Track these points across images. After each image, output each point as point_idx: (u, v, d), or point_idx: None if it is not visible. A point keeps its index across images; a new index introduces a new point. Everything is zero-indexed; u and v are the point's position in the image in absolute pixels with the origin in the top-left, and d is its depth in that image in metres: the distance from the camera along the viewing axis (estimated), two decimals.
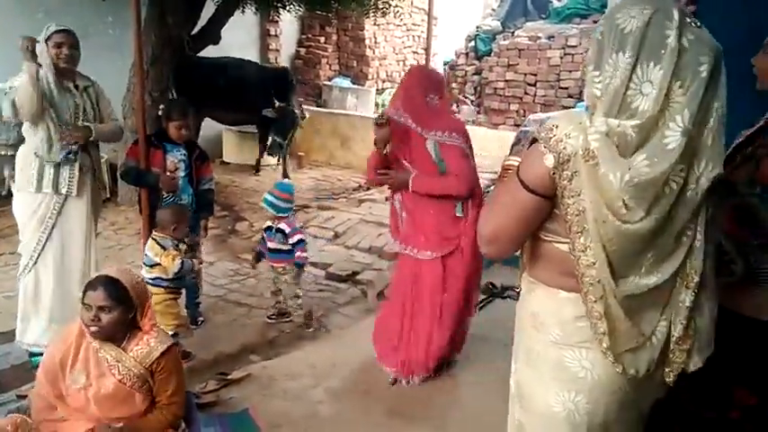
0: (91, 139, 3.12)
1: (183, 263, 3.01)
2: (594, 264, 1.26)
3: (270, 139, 6.90)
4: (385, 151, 2.97)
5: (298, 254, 3.59)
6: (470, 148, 2.89)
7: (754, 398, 1.78)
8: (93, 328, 2.06)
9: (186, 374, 2.96)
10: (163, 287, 3.05)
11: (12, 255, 4.20)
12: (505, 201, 1.38)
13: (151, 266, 3.05)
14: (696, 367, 1.38)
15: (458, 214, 2.83)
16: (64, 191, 3.05)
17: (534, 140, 1.30)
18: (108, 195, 5.62)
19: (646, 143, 1.20)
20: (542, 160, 1.27)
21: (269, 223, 3.65)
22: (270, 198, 3.57)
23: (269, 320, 3.70)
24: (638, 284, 1.29)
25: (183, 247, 3.17)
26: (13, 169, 3.25)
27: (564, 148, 1.23)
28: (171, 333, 3.00)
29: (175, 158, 3.31)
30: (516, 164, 1.39)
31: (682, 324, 1.32)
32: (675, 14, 1.20)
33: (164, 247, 3.03)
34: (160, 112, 3.40)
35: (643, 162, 1.19)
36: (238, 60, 7.09)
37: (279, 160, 7.39)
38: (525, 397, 1.49)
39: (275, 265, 3.68)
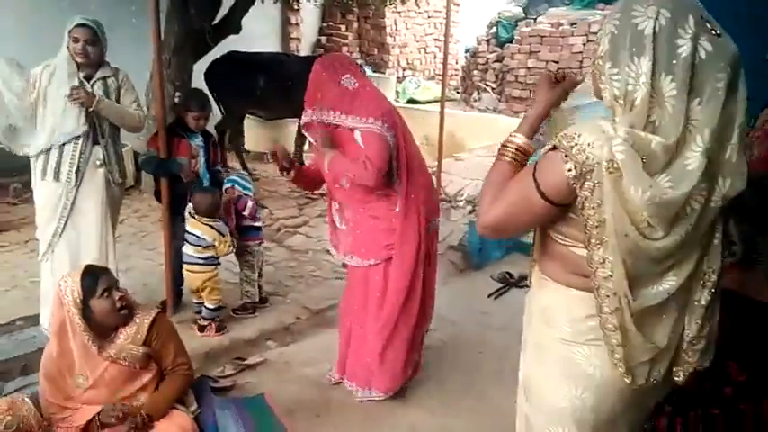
0: (91, 108, 3.02)
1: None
2: (612, 276, 1.23)
3: None
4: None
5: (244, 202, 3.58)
6: (402, 129, 2.61)
7: (743, 375, 1.79)
8: (124, 312, 2.13)
9: (204, 358, 3.06)
10: (215, 265, 3.33)
11: (38, 241, 4.33)
12: (516, 198, 1.33)
13: (205, 247, 3.26)
14: (703, 367, 1.37)
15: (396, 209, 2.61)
16: (63, 179, 3.07)
17: (554, 147, 1.26)
18: (132, 183, 5.74)
19: (671, 164, 1.17)
20: (562, 169, 1.22)
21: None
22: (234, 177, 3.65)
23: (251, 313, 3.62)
24: (656, 293, 1.27)
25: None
26: None
27: (587, 158, 1.18)
28: (214, 307, 3.29)
29: (197, 146, 3.46)
30: (519, 142, 1.36)
31: (697, 324, 1.31)
32: (691, 21, 1.15)
33: (221, 233, 3.27)
34: (176, 100, 3.46)
35: (666, 182, 1.16)
36: (280, 55, 7.08)
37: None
38: (532, 391, 1.50)
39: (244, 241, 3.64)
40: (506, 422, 1.75)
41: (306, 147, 7.11)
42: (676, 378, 1.37)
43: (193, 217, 3.27)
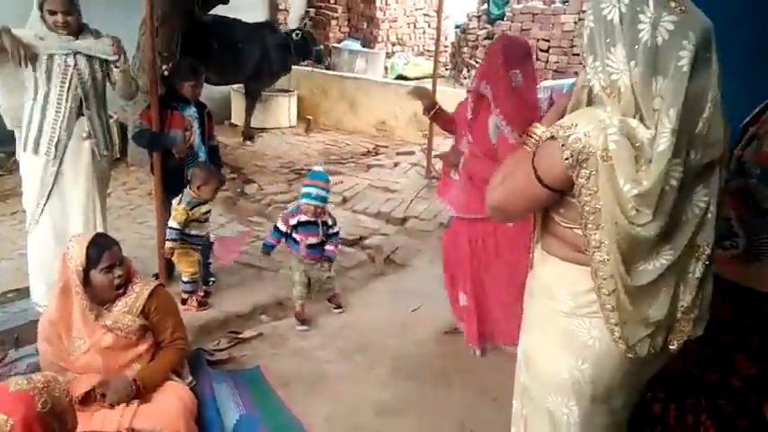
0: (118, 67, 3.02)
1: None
2: (608, 259, 1.27)
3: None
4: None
5: (331, 248, 3.38)
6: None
7: (754, 367, 1.83)
8: (120, 284, 2.13)
9: (198, 331, 3.07)
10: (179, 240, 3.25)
11: (24, 213, 4.27)
12: (517, 181, 1.39)
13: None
14: (697, 335, 1.41)
15: None
16: (42, 152, 2.99)
17: (552, 137, 1.28)
18: (118, 156, 5.66)
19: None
20: (560, 158, 1.25)
21: (305, 218, 3.25)
22: (316, 191, 3.22)
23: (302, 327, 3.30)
24: (651, 270, 1.30)
25: (205, 208, 3.30)
26: None
27: (583, 147, 1.22)
28: (187, 280, 3.27)
29: (190, 117, 3.39)
30: (539, 133, 1.39)
31: (691, 295, 1.35)
32: (651, 3, 1.17)
33: (181, 202, 3.22)
34: (165, 73, 3.40)
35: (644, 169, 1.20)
36: (226, 18, 6.71)
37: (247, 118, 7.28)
38: (533, 363, 1.54)
39: (311, 259, 3.35)
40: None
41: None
42: (671, 347, 1.41)
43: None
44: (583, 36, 1.29)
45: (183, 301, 3.28)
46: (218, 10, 6.45)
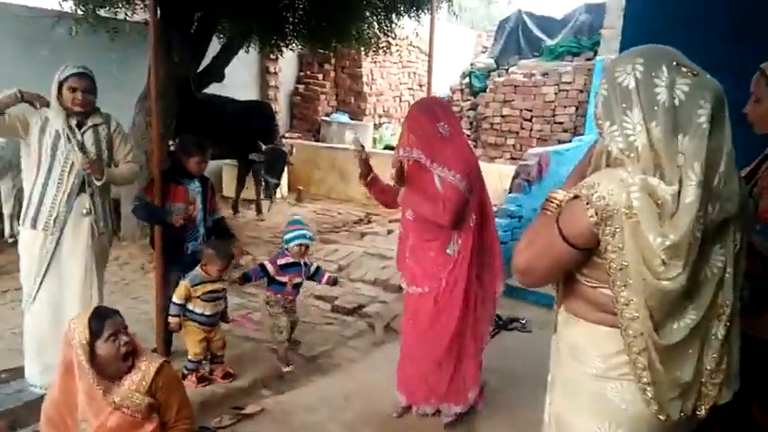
0: (101, 181, 3.03)
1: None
2: (637, 317, 1.28)
3: (263, 181, 6.91)
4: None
5: (326, 276, 3.73)
6: (479, 181, 2.85)
7: (766, 417, 1.82)
8: (128, 358, 2.08)
9: (200, 407, 2.97)
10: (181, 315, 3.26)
11: (17, 290, 4.19)
12: (542, 243, 1.40)
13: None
14: (725, 401, 1.40)
15: (447, 252, 2.84)
16: (40, 228, 2.98)
17: (575, 197, 1.32)
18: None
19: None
20: (585, 216, 1.28)
21: (291, 260, 3.52)
22: (300, 232, 3.53)
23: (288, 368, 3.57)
24: (678, 329, 1.31)
25: (211, 287, 3.26)
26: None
27: (607, 205, 1.25)
28: (190, 359, 3.26)
29: (193, 191, 3.43)
30: (560, 197, 1.43)
31: (714, 358, 1.35)
32: (664, 69, 1.25)
33: (186, 278, 3.23)
34: (172, 148, 3.46)
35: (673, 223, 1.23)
36: (219, 97, 7.02)
37: (265, 196, 7.36)
38: (563, 429, 1.51)
39: (291, 297, 3.62)
40: None
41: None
42: (698, 413, 1.39)
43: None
44: (597, 105, 1.36)
45: (183, 377, 3.19)
46: (211, 87, 6.64)
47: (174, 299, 3.22)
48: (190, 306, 3.23)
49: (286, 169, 8.21)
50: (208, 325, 3.28)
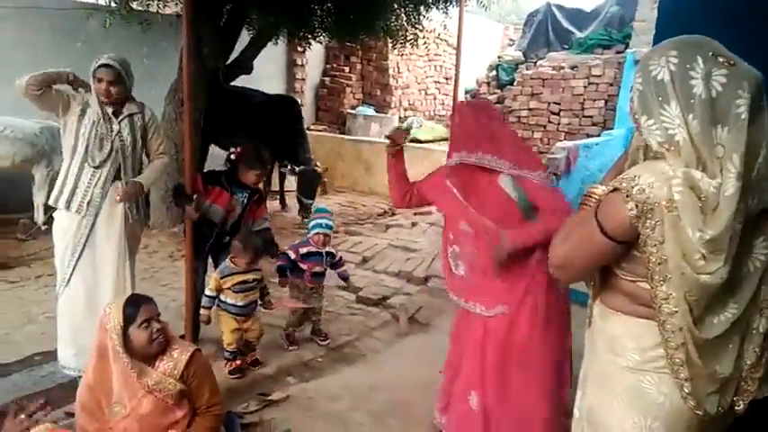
0: (144, 192, 3.21)
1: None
2: (676, 311, 1.27)
3: (297, 201, 6.67)
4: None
5: (342, 269, 3.87)
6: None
7: None
8: (160, 340, 2.13)
9: (226, 393, 3.02)
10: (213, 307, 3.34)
11: (50, 276, 4.30)
12: (581, 236, 1.39)
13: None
14: (764, 395, 1.38)
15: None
16: (73, 210, 3.05)
17: (615, 189, 1.30)
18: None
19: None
20: (624, 209, 1.27)
21: (314, 249, 3.67)
22: (324, 221, 3.70)
23: (292, 347, 3.70)
24: (718, 323, 1.29)
25: (240, 278, 3.30)
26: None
27: (648, 198, 1.24)
28: (225, 349, 3.31)
29: (236, 200, 3.46)
30: (599, 192, 1.40)
31: (756, 352, 1.33)
32: (700, 60, 1.22)
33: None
34: (233, 156, 3.46)
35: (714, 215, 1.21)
36: (245, 89, 6.92)
37: (302, 216, 7.19)
38: (596, 422, 1.49)
39: (316, 286, 3.74)
40: None
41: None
42: (736, 408, 1.37)
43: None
44: (633, 99, 1.33)
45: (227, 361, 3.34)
46: (239, 79, 6.69)
47: (206, 291, 3.30)
48: (222, 297, 3.30)
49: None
50: (241, 315, 3.32)
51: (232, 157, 3.45)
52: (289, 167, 6.57)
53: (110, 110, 3.08)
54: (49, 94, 2.97)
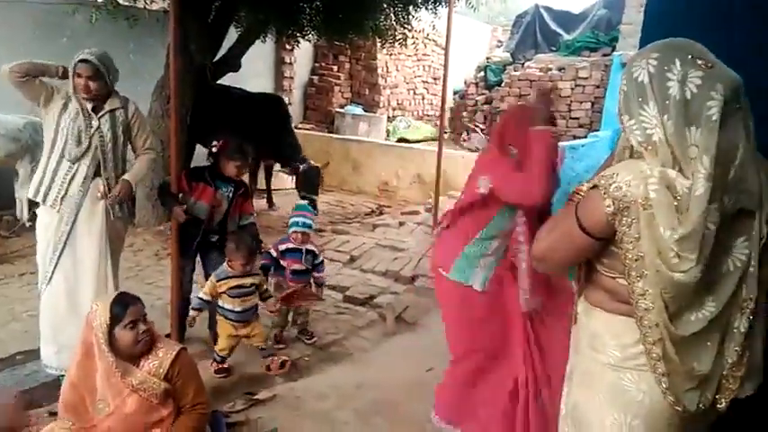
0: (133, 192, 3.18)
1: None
2: (653, 308, 1.29)
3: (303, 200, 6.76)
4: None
5: (319, 274, 3.73)
6: None
7: None
8: (145, 341, 2.11)
9: (213, 392, 3.01)
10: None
11: (33, 274, 4.25)
12: (562, 231, 1.42)
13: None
14: (746, 395, 1.40)
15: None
16: (49, 203, 3.01)
17: (594, 186, 1.33)
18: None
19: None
20: (602, 206, 1.30)
21: (292, 245, 3.63)
22: (302, 220, 3.65)
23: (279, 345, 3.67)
24: (695, 321, 1.31)
25: (235, 282, 3.25)
26: None
27: (624, 196, 1.27)
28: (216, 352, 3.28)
29: (222, 194, 3.41)
30: (585, 190, 1.41)
31: (736, 351, 1.34)
32: (677, 63, 1.25)
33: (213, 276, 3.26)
34: (214, 149, 3.43)
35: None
36: (230, 88, 6.86)
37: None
38: (579, 419, 1.51)
39: (296, 285, 3.63)
40: None
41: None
42: (718, 406, 1.39)
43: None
44: (619, 100, 1.36)
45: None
46: (225, 77, 6.64)
47: (200, 293, 3.25)
48: (220, 302, 3.25)
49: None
50: (238, 321, 3.26)
51: (213, 150, 3.42)
52: (289, 169, 6.59)
53: (89, 105, 3.03)
54: (32, 84, 2.96)
